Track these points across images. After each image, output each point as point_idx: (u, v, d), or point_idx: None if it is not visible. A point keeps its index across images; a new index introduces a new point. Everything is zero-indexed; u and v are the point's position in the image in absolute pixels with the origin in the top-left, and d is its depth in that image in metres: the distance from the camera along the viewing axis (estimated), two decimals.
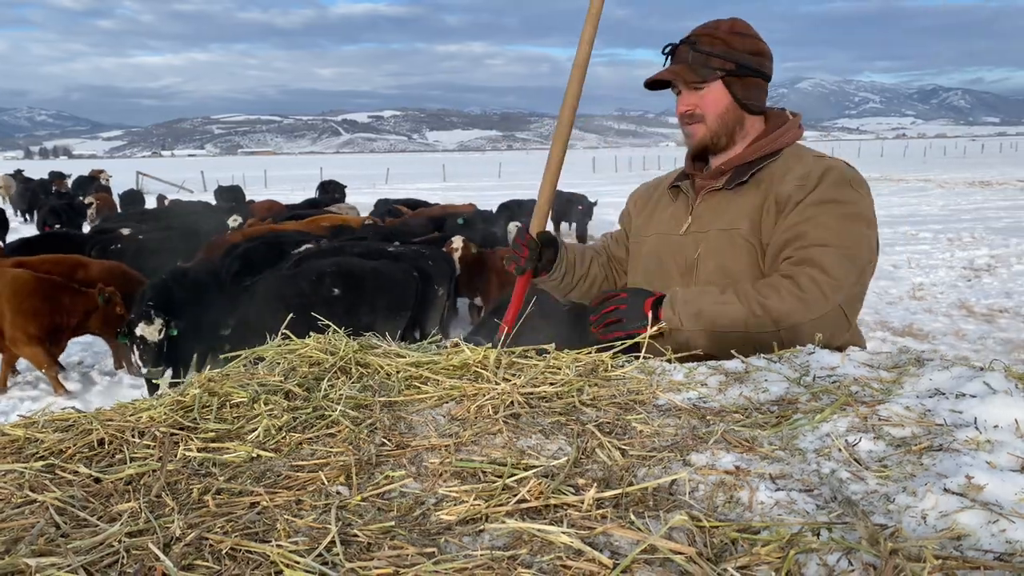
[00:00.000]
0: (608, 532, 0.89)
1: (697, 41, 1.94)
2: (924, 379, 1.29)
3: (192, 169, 45.21)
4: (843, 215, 1.84)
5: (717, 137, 1.99)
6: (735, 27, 1.96)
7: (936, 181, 30.26)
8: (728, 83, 1.94)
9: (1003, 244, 13.39)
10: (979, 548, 0.82)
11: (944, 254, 12.64)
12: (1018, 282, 10.28)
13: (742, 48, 1.93)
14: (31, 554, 0.89)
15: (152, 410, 1.35)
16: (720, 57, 1.91)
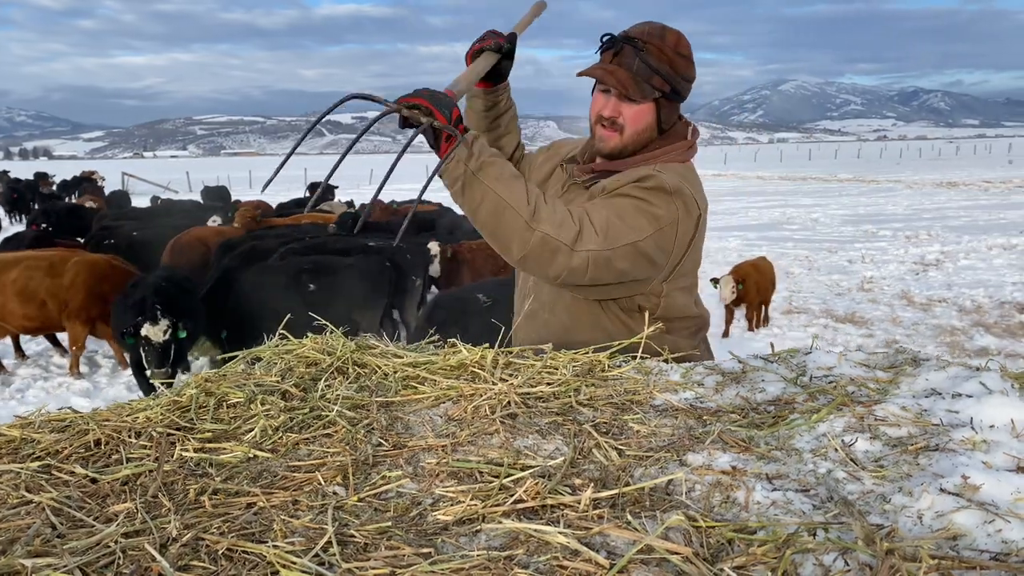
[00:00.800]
0: (605, 532, 0.89)
1: (645, 49, 1.87)
2: (920, 379, 1.29)
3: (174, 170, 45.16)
4: (632, 204, 1.82)
5: (627, 150, 1.96)
6: (680, 47, 1.90)
7: (906, 182, 30.98)
8: (661, 104, 1.92)
9: (955, 241, 14.01)
10: (975, 548, 0.82)
11: (899, 250, 13.19)
12: (961, 276, 10.91)
13: (683, 72, 1.90)
14: (27, 555, 0.89)
15: (149, 411, 1.35)
16: (663, 77, 1.87)
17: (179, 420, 1.32)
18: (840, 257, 12.49)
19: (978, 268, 11.49)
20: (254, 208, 12.83)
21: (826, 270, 11.39)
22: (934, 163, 52.65)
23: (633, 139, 1.94)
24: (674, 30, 1.92)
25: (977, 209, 19.66)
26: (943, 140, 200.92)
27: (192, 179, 39.10)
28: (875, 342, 7.50)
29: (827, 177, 35.59)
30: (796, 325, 8.32)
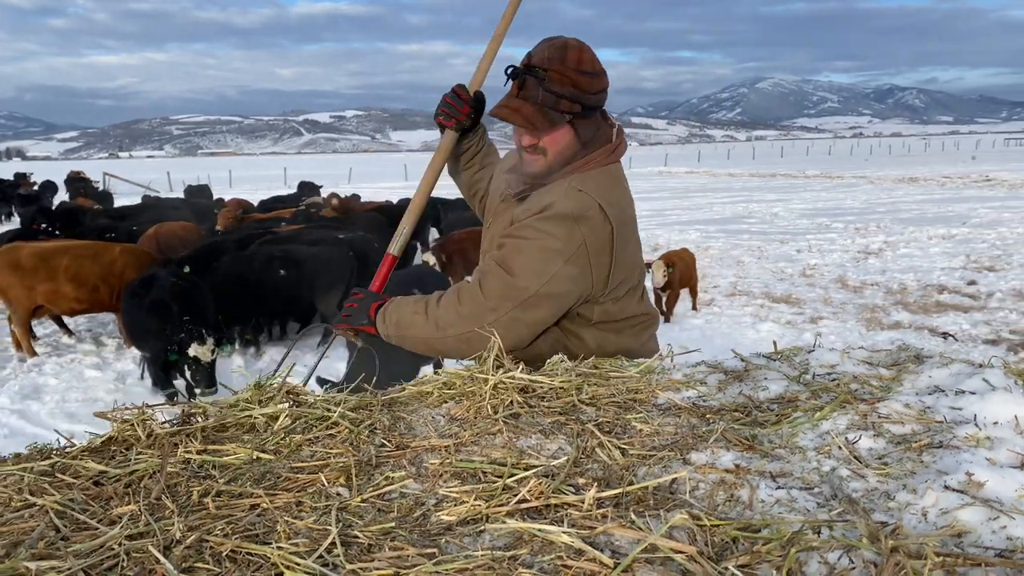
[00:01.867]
0: (609, 531, 0.89)
1: (547, 77, 1.84)
2: (923, 376, 1.29)
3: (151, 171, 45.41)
4: (541, 247, 1.85)
5: (554, 170, 1.96)
6: (583, 63, 1.86)
7: (870, 178, 31.82)
8: (575, 124, 1.90)
9: (899, 232, 14.82)
10: (980, 545, 0.82)
11: (846, 241, 13.92)
12: (898, 262, 11.69)
13: (589, 89, 1.86)
14: (31, 557, 0.89)
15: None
16: (569, 99, 1.85)
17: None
18: (790, 247, 13.16)
19: (914, 256, 12.28)
20: (236, 207, 13.56)
21: (774, 259, 11.97)
22: (902, 159, 53.86)
23: (557, 159, 1.94)
24: (575, 46, 1.88)
25: (929, 203, 20.50)
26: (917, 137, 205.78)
27: (172, 179, 39.65)
28: (803, 318, 8.20)
29: (795, 174, 36.52)
30: (736, 305, 8.95)
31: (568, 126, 1.89)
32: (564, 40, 1.89)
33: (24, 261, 7.79)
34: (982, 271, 10.85)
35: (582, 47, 1.88)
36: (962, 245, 13.03)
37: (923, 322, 8.15)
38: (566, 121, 1.88)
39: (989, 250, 12.43)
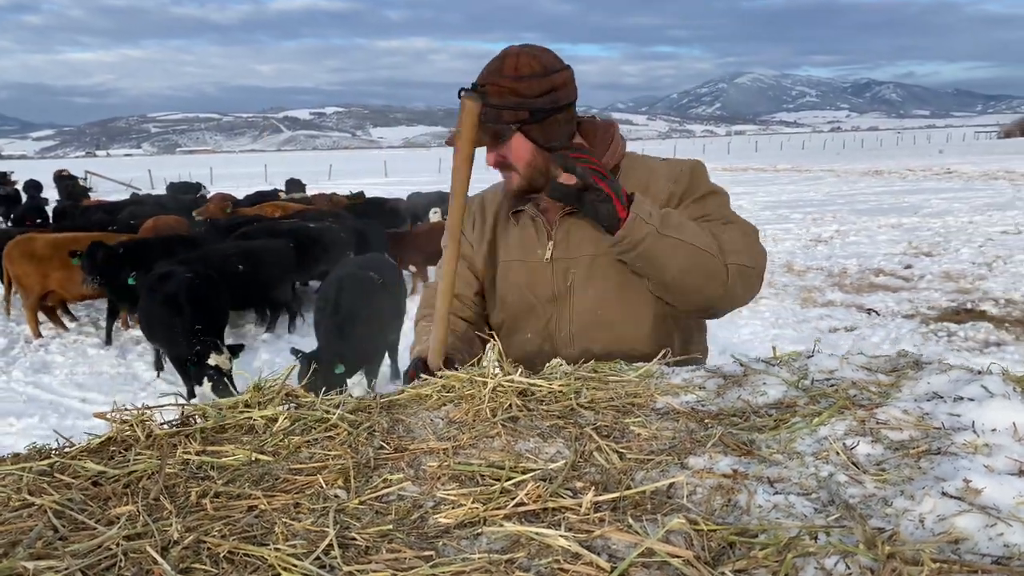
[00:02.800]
0: (606, 535, 0.89)
1: (485, 92, 1.82)
2: (922, 383, 1.29)
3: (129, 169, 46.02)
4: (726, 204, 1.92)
5: (532, 182, 1.93)
6: (520, 70, 1.81)
7: (837, 171, 32.98)
8: (526, 131, 1.85)
9: (852, 222, 15.70)
10: (977, 552, 0.82)
11: (801, 230, 14.79)
12: (845, 250, 12.43)
13: (531, 93, 1.81)
14: (29, 557, 0.89)
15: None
16: (511, 108, 1.82)
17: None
18: None
19: (861, 243, 13.09)
20: (222, 200, 14.26)
21: None
22: (873, 153, 55.53)
23: (528, 170, 1.90)
24: (514, 52, 1.85)
25: (888, 194, 21.51)
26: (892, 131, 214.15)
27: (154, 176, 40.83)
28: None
29: (767, 168, 37.68)
30: None
31: (520, 135, 1.85)
32: (505, 50, 1.87)
33: (39, 250, 8.55)
34: (920, 256, 11.75)
35: (520, 53, 1.84)
36: (908, 233, 13.86)
37: (853, 300, 9.08)
38: (514, 130, 1.84)
39: (931, 237, 13.24)
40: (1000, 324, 7.79)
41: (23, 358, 7.92)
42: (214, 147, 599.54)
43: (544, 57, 1.86)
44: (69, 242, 8.64)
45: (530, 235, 2.01)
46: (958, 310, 8.48)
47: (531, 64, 1.83)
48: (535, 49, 1.87)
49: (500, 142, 1.87)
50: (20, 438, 5.65)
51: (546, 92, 1.83)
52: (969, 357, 6.68)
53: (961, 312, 8.40)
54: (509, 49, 1.87)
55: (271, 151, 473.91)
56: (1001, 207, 16.93)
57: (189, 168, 54.68)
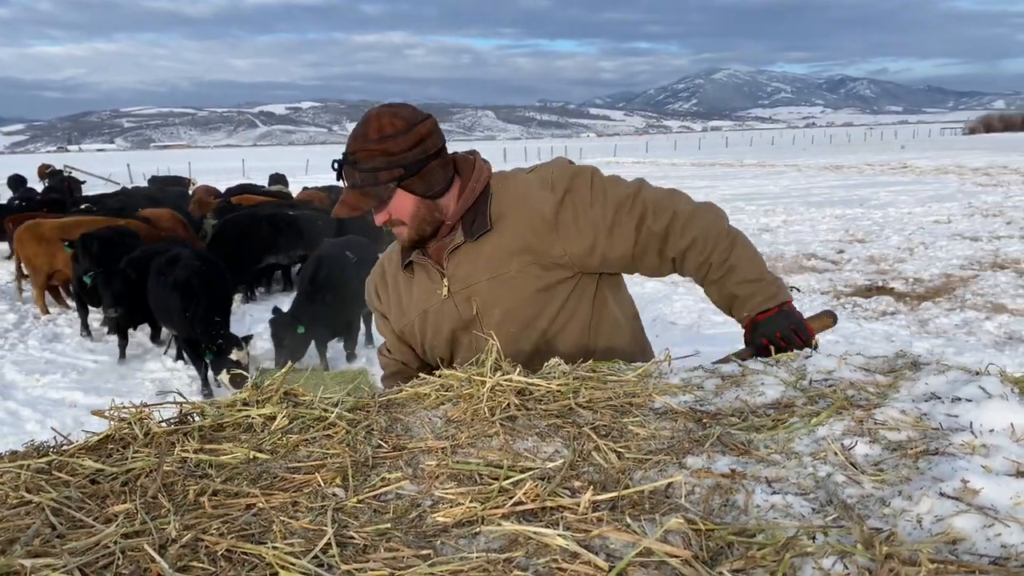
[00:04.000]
0: (604, 535, 0.89)
1: (356, 160, 1.86)
2: (920, 383, 1.29)
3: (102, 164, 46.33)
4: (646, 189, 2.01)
5: (422, 232, 1.97)
6: (383, 130, 1.85)
7: (799, 166, 34.26)
8: (406, 186, 1.89)
9: (800, 212, 16.65)
10: (974, 552, 0.82)
11: (751, 220, 15.57)
12: (787, 237, 13.42)
13: (400, 150, 1.85)
14: (27, 555, 0.89)
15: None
16: (385, 169, 1.85)
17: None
18: None
19: (803, 232, 13.98)
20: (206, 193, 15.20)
21: None
22: (842, 148, 57.30)
23: (416, 222, 1.95)
24: (375, 114, 1.89)
25: (842, 188, 22.44)
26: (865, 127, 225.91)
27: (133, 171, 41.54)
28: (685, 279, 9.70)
29: (734, 163, 38.83)
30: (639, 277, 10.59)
31: (400, 191, 1.90)
32: (367, 115, 1.91)
33: (46, 233, 9.39)
34: (853, 243, 12.60)
35: (381, 114, 1.89)
36: (848, 223, 14.74)
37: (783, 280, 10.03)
38: (392, 189, 1.88)
39: (869, 226, 14.18)
40: (901, 298, 8.94)
41: (35, 330, 8.93)
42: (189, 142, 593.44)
43: (404, 112, 1.90)
44: (73, 226, 9.39)
45: (426, 281, 2.06)
46: (870, 287, 9.56)
47: (393, 123, 1.87)
48: (394, 107, 1.92)
49: (384, 203, 1.90)
50: (48, 390, 6.85)
51: (415, 145, 1.87)
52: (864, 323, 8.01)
53: (872, 289, 9.48)
54: (370, 112, 1.91)
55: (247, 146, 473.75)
56: (942, 199, 17.89)
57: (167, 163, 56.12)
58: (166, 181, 25.43)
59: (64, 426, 6.79)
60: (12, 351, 8.00)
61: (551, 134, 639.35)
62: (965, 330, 7.61)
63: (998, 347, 6.97)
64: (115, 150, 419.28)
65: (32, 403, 6.52)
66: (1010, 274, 9.83)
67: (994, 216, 14.90)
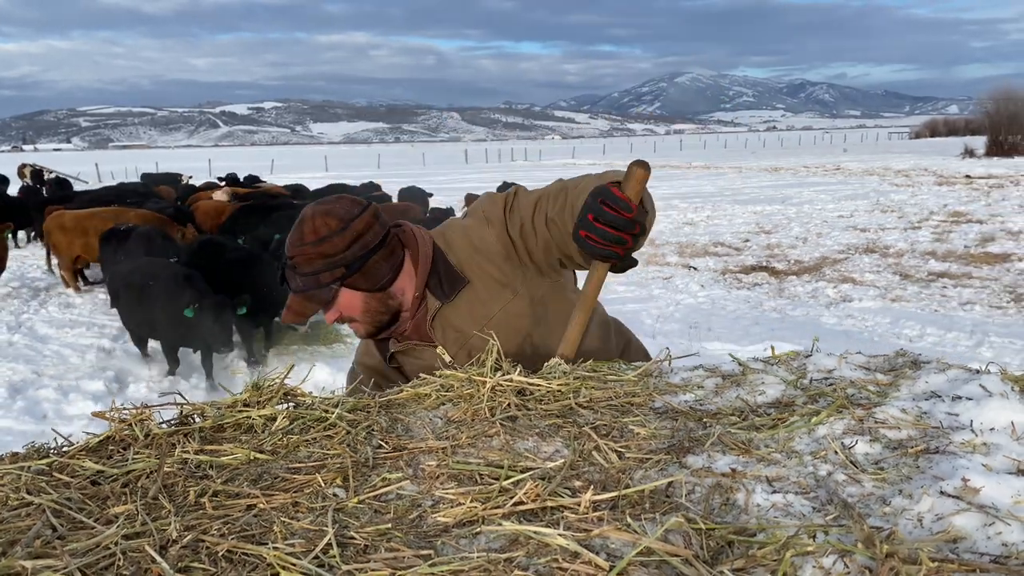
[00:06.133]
0: (604, 534, 0.89)
1: (296, 265, 1.84)
2: (920, 382, 1.29)
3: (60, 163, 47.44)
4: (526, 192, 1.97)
5: (378, 324, 1.94)
6: (318, 231, 1.83)
7: (741, 168, 36.94)
8: (350, 284, 1.86)
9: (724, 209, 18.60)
10: (975, 551, 0.82)
11: (679, 216, 17.40)
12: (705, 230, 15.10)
13: (337, 250, 1.82)
14: (27, 556, 0.89)
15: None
16: (326, 271, 1.82)
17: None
18: None
19: (720, 225, 15.68)
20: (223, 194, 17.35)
21: None
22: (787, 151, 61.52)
23: (369, 317, 1.92)
24: (309, 216, 1.86)
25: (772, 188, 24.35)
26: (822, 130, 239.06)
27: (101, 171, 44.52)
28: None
29: (683, 165, 41.65)
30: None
31: (345, 289, 1.86)
32: (301, 215, 1.88)
33: (67, 223, 11.22)
34: (760, 234, 14.31)
35: (315, 215, 1.85)
36: (763, 218, 16.61)
37: (684, 262, 12.06)
38: (336, 290, 1.85)
39: (780, 220, 16.09)
40: (776, 274, 10.99)
41: (50, 301, 10.80)
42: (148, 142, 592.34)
43: (337, 211, 1.86)
44: (89, 216, 11.45)
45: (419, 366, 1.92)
46: (754, 267, 11.47)
47: (327, 223, 1.83)
48: (327, 206, 1.87)
49: (331, 304, 1.88)
50: (80, 338, 8.75)
51: (352, 243, 1.84)
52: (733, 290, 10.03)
53: (756, 268, 11.44)
54: (304, 213, 1.88)
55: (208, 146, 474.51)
56: (855, 197, 20.13)
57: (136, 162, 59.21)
58: (159, 178, 26.52)
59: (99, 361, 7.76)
60: (37, 314, 9.98)
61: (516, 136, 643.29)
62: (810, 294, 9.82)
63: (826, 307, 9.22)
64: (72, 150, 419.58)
65: (70, 346, 8.46)
66: (875, 257, 12.19)
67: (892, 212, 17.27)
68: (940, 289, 10.03)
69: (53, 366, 7.73)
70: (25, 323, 9.48)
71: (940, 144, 56.39)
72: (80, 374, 7.49)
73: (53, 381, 7.24)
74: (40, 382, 7.24)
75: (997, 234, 13.71)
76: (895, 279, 10.65)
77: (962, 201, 18.63)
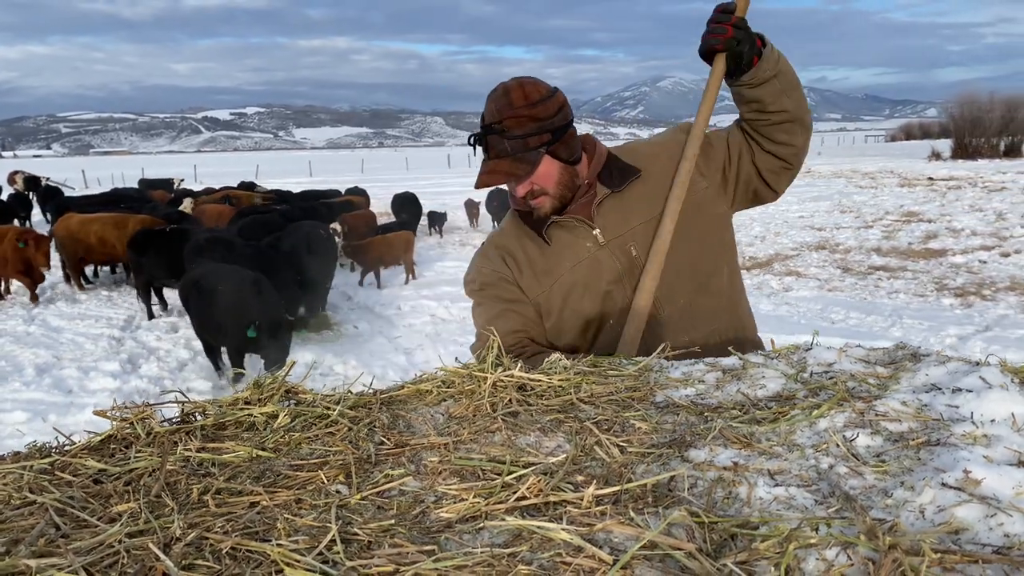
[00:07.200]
0: (607, 529, 0.89)
1: (505, 128, 1.88)
2: (920, 374, 1.30)
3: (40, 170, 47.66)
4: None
5: (564, 199, 2.00)
6: (528, 96, 1.89)
7: None
8: (552, 152, 1.92)
9: None
10: (977, 542, 0.82)
11: None
12: None
13: (547, 115, 1.89)
14: (31, 555, 0.89)
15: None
16: (535, 135, 1.88)
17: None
18: None
19: None
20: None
21: None
22: None
23: (559, 189, 1.97)
24: (514, 85, 1.92)
25: None
26: None
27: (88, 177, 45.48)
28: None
29: None
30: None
31: (547, 156, 1.92)
32: (503, 86, 1.93)
33: (73, 227, 12.23)
34: None
35: (521, 82, 1.92)
36: None
37: None
38: (543, 154, 1.91)
39: (744, 220, 16.39)
40: None
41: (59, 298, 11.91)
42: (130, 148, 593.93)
43: (540, 82, 1.96)
44: (92, 220, 12.42)
45: (570, 240, 2.03)
46: None
47: (538, 88, 1.92)
48: (527, 78, 1.96)
49: (533, 169, 1.92)
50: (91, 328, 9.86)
51: (558, 110, 1.92)
52: None
53: None
54: (507, 83, 1.94)
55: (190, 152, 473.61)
56: (819, 199, 21.04)
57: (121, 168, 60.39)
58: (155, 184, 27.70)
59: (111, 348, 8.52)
60: (47, 309, 11.04)
61: None
62: (756, 286, 10.62)
63: (767, 296, 10.02)
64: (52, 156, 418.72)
65: (83, 335, 9.43)
66: (824, 253, 13.10)
67: (850, 212, 18.05)
68: (875, 281, 11.09)
69: (71, 351, 8.73)
70: (37, 317, 10.55)
71: (911, 147, 57.74)
72: (96, 357, 8.46)
73: (73, 363, 8.18)
74: (61, 364, 8.20)
75: (941, 232, 14.67)
76: (837, 272, 11.68)
77: (918, 202, 19.66)
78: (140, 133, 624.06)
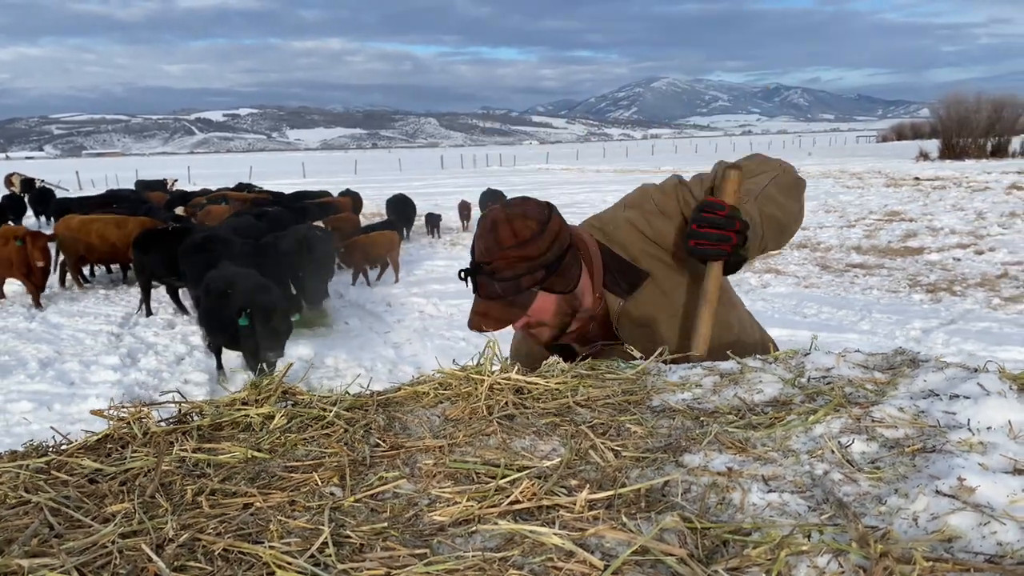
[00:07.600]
0: (600, 533, 0.89)
1: (494, 269, 1.77)
2: (918, 380, 1.29)
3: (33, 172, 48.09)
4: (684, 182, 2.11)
5: (563, 328, 1.90)
6: (518, 233, 1.77)
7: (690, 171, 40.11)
8: (548, 287, 1.80)
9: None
10: (970, 550, 0.82)
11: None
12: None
13: (539, 252, 1.76)
14: (24, 555, 0.89)
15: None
16: (527, 274, 1.77)
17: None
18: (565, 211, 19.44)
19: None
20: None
21: None
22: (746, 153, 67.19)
23: (558, 319, 1.87)
24: (503, 219, 1.79)
25: None
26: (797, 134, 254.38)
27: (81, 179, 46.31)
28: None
29: (651, 169, 42.86)
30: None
31: (541, 293, 1.81)
32: (492, 219, 1.81)
33: (73, 226, 12.70)
34: None
35: (510, 217, 1.79)
36: None
37: None
38: (535, 293, 1.80)
39: None
40: None
41: (59, 296, 12.34)
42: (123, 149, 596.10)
43: (531, 212, 1.82)
44: (92, 221, 12.90)
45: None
46: None
47: (527, 224, 1.78)
48: (518, 209, 1.83)
49: (525, 312, 1.82)
50: (91, 324, 10.27)
51: (551, 244, 1.79)
52: None
53: None
54: (494, 217, 1.82)
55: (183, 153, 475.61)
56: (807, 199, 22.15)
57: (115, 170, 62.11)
58: (151, 185, 28.58)
59: (110, 343, 8.82)
60: (47, 308, 11.38)
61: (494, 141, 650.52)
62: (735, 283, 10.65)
63: (745, 293, 10.00)
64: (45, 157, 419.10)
65: (83, 331, 9.83)
66: (806, 252, 13.40)
67: (834, 211, 18.21)
68: (851, 278, 11.36)
69: (71, 346, 9.14)
70: (38, 315, 10.97)
71: (902, 147, 57.92)
72: (97, 351, 8.82)
73: (75, 357, 8.54)
74: (63, 358, 8.55)
75: (921, 230, 14.96)
76: (815, 270, 11.99)
77: (903, 201, 19.96)
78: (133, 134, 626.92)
